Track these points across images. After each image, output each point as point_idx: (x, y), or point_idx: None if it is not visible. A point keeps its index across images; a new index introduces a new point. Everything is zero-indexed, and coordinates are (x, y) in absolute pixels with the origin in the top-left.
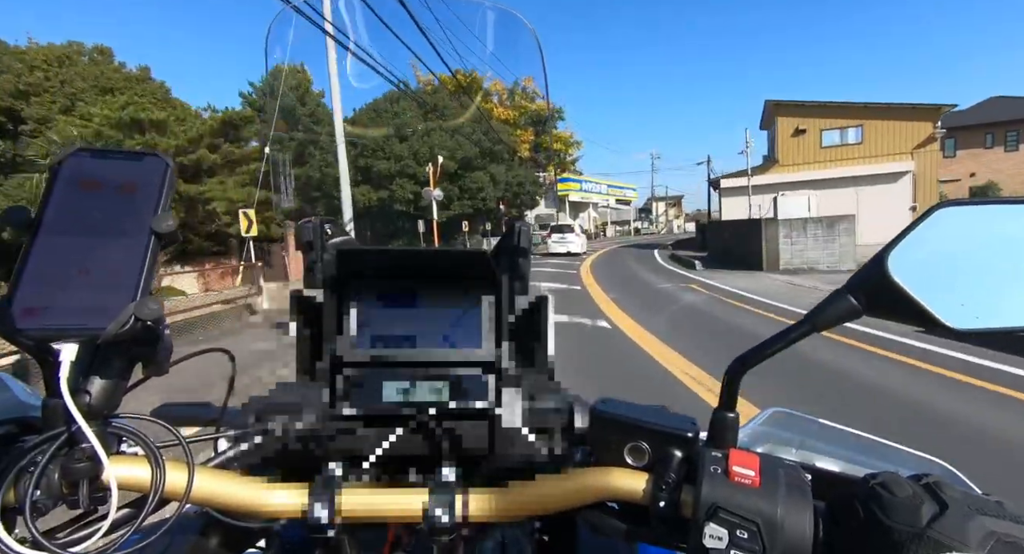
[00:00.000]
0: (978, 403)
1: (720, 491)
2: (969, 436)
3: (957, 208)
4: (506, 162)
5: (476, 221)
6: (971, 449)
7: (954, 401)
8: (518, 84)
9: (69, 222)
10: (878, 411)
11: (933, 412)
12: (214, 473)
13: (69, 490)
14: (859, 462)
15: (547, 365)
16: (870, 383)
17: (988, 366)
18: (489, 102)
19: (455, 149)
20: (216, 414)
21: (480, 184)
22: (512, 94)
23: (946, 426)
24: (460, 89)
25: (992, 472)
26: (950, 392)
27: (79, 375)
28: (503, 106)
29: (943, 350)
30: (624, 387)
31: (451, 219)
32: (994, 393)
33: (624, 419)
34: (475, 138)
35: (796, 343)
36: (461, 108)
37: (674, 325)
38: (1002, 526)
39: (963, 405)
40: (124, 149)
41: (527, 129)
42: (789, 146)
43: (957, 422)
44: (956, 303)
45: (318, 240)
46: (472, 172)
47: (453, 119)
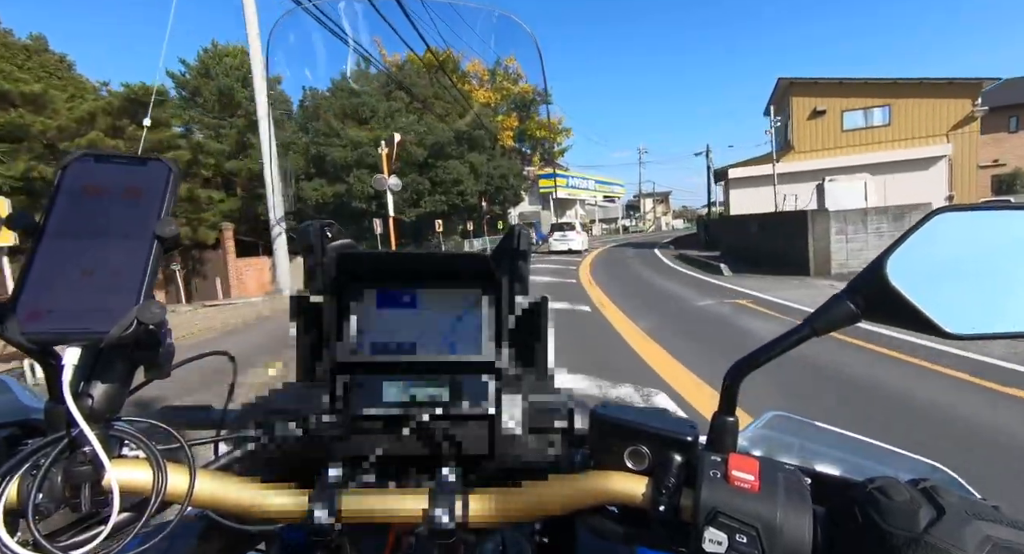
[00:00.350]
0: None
1: (720, 495)
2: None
3: (955, 214)
4: (487, 151)
5: (453, 220)
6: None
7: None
8: (500, 63)
9: (73, 226)
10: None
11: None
12: (215, 476)
13: (71, 493)
14: (858, 466)
15: (547, 367)
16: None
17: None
18: (467, 83)
19: (425, 133)
20: (217, 417)
21: (457, 175)
22: (493, 75)
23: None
24: (434, 66)
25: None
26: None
27: (81, 378)
28: (483, 88)
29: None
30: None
31: (423, 218)
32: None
33: (624, 423)
34: (450, 120)
35: (795, 348)
36: (434, 88)
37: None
38: (999, 531)
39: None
40: (129, 154)
41: (510, 114)
42: (806, 130)
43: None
44: (954, 308)
45: (318, 243)
46: (446, 161)
47: (424, 100)
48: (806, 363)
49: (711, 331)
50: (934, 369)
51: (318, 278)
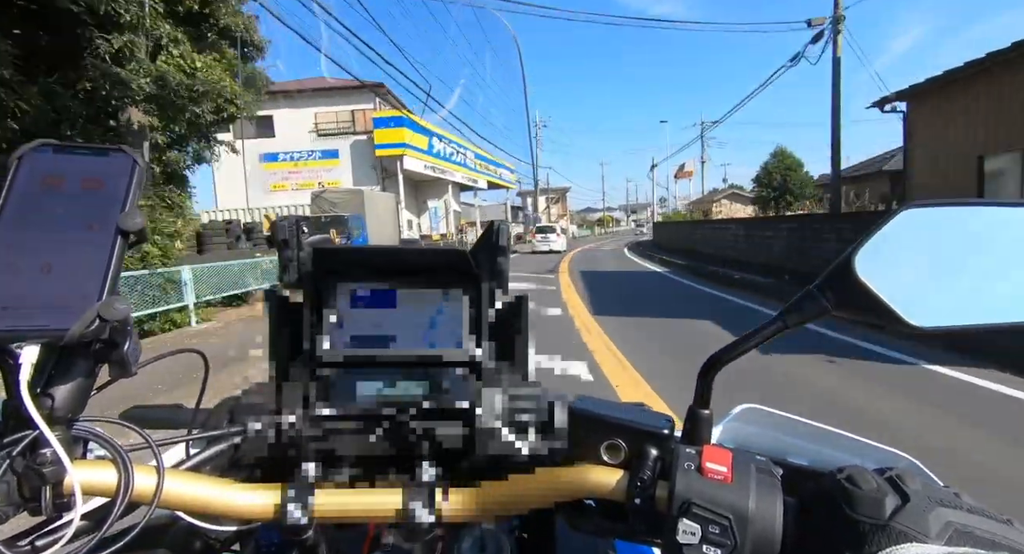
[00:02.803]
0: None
1: (693, 487)
2: None
3: (922, 209)
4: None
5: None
6: None
7: None
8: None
9: (30, 219)
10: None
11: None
12: (185, 476)
13: (31, 496)
14: (828, 457)
15: (526, 363)
16: None
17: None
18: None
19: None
20: (188, 417)
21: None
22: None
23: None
24: None
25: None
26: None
27: (41, 378)
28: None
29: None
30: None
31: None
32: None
33: (601, 417)
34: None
35: (768, 341)
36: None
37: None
38: (959, 516)
39: None
40: (90, 144)
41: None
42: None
43: None
44: (920, 303)
45: (293, 238)
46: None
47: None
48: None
49: None
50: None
51: (292, 273)
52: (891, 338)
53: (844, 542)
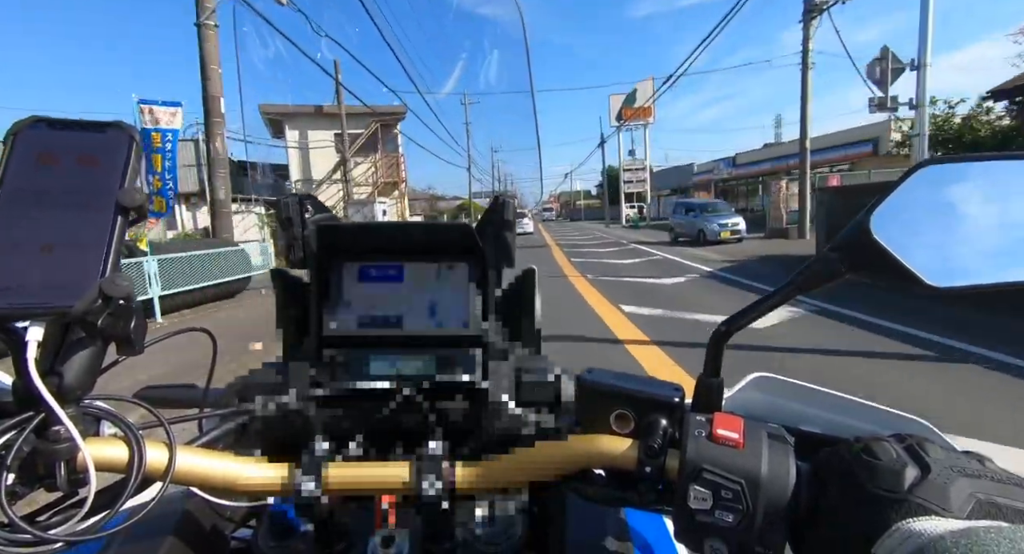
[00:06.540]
0: None
1: (705, 453)
2: None
3: (940, 166)
4: None
5: None
6: None
7: None
8: None
9: (28, 197)
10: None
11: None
12: (197, 451)
13: (46, 473)
14: (841, 424)
15: (534, 337)
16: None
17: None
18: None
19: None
20: (199, 395)
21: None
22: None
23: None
24: None
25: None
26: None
27: (49, 356)
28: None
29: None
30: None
31: None
32: None
33: (610, 388)
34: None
35: (780, 306)
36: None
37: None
38: (982, 486)
39: None
40: (85, 120)
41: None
42: None
43: None
44: (937, 262)
45: (298, 217)
46: None
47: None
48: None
49: None
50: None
51: (297, 252)
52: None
53: (860, 510)
